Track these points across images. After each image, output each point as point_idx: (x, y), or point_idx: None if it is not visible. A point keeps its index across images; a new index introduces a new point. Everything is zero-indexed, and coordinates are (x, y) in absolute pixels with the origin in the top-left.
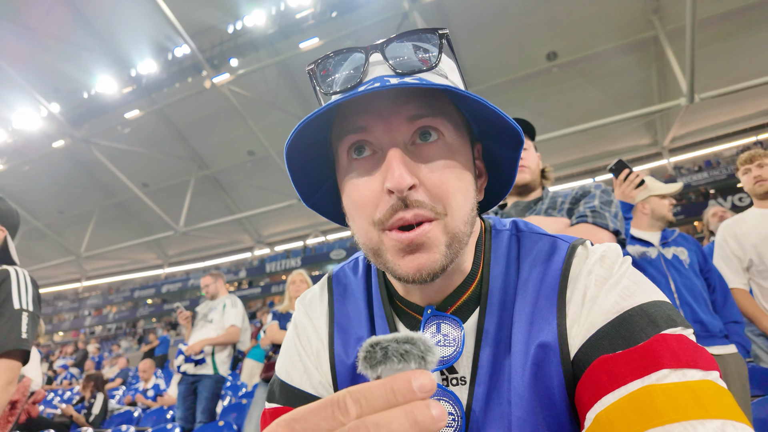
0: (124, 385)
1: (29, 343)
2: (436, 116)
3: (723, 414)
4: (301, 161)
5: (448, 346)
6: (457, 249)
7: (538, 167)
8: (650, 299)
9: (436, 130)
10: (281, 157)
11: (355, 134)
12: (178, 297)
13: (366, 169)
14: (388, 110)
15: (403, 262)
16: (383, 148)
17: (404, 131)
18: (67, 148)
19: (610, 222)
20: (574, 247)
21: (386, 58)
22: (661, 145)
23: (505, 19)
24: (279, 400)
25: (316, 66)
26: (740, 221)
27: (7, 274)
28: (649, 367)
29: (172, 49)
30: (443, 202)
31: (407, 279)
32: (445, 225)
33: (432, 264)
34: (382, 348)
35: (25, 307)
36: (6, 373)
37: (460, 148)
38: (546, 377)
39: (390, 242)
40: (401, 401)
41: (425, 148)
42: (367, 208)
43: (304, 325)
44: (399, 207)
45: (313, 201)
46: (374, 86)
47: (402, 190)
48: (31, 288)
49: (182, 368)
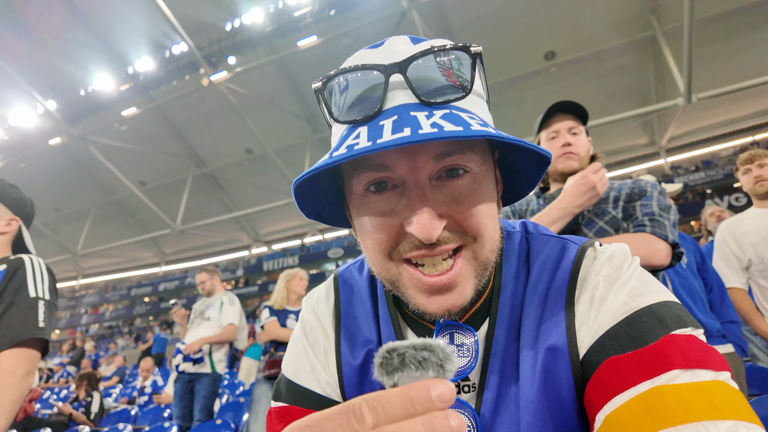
0: (121, 384)
1: (47, 332)
2: (464, 152)
3: (735, 415)
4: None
5: (463, 356)
6: (483, 275)
7: (588, 154)
8: (659, 299)
9: (463, 166)
10: (279, 155)
11: (376, 171)
12: (175, 295)
13: (385, 205)
14: (413, 148)
15: (429, 302)
16: (405, 184)
17: (430, 169)
18: (63, 146)
19: (669, 233)
20: (584, 248)
21: (408, 81)
22: (658, 145)
23: (503, 18)
24: (286, 399)
25: (323, 85)
26: (739, 221)
27: (21, 262)
28: (659, 368)
29: (169, 46)
30: (473, 233)
31: (434, 316)
32: (474, 251)
33: (462, 303)
34: (399, 354)
35: (41, 295)
36: (24, 362)
37: (486, 175)
38: (555, 380)
39: (412, 280)
40: (419, 411)
41: (451, 183)
42: (383, 243)
43: (311, 324)
44: (422, 246)
45: (316, 213)
46: (403, 135)
47: (431, 240)
48: (47, 277)
49: (181, 367)
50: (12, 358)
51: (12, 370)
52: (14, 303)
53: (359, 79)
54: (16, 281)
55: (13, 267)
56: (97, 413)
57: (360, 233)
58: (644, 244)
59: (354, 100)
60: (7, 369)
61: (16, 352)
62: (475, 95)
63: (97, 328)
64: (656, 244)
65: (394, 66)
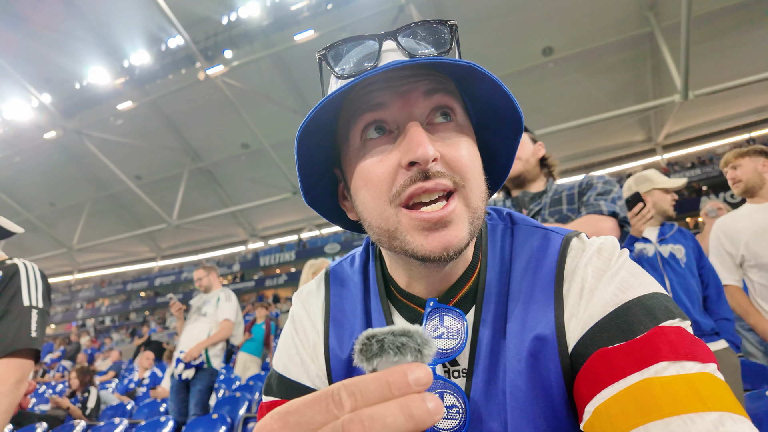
0: (117, 378)
1: (39, 342)
2: (449, 93)
3: (721, 406)
4: (308, 148)
5: (451, 338)
6: (477, 226)
7: (533, 157)
8: (648, 291)
9: (450, 109)
10: (275, 150)
11: (371, 112)
12: (172, 290)
13: (382, 149)
14: (405, 86)
15: (428, 240)
16: (400, 126)
17: (421, 107)
18: (58, 140)
19: (604, 207)
20: (568, 239)
21: (400, 44)
22: (655, 142)
23: (501, 13)
24: (277, 394)
25: (327, 51)
26: (733, 218)
27: (16, 269)
28: (648, 360)
29: (165, 39)
30: (462, 174)
31: (432, 258)
32: (465, 197)
33: (459, 241)
34: (378, 340)
35: (34, 304)
36: (15, 371)
37: (469, 130)
38: (543, 369)
39: (411, 222)
40: (396, 394)
41: (441, 127)
42: (383, 185)
43: (301, 318)
44: (418, 178)
45: (312, 195)
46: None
47: (427, 161)
48: (41, 283)
49: (184, 375)
50: (3, 368)
51: (3, 380)
52: (8, 312)
53: (357, 46)
54: (10, 289)
55: (8, 274)
56: (93, 408)
57: (356, 189)
58: (590, 225)
59: (353, 63)
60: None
61: (8, 362)
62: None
63: (92, 323)
64: (600, 222)
65: (387, 34)
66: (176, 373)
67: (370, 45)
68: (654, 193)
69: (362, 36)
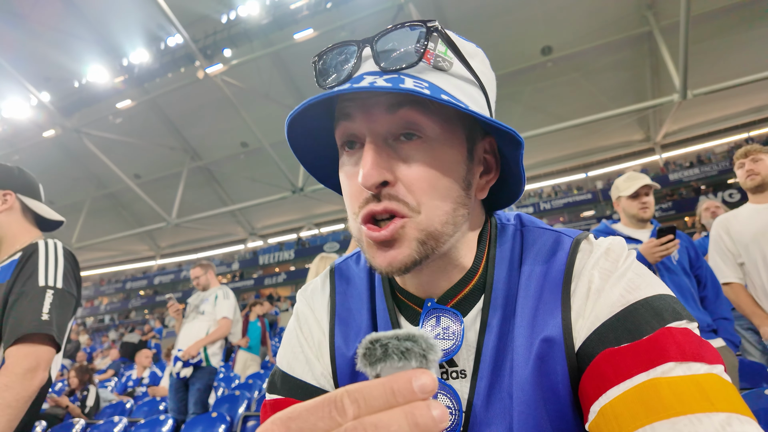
0: (116, 377)
1: (51, 325)
2: (415, 107)
3: (728, 407)
4: (311, 146)
5: (448, 339)
6: (434, 246)
7: None
8: (656, 292)
9: (416, 126)
10: (275, 148)
11: (345, 121)
12: (171, 288)
13: (353, 163)
14: (371, 99)
15: (375, 257)
16: (362, 141)
17: (384, 122)
18: (57, 138)
19: None
20: (578, 241)
21: (374, 52)
22: (653, 141)
23: (500, 12)
24: (280, 392)
25: (318, 58)
26: (734, 217)
27: (35, 248)
28: (654, 360)
29: (164, 38)
30: (417, 200)
31: (381, 271)
32: (418, 224)
33: (402, 259)
34: (382, 345)
35: (51, 283)
36: (24, 360)
37: (446, 144)
38: (550, 371)
39: (365, 238)
40: (401, 402)
41: (405, 146)
42: (352, 200)
43: (305, 315)
44: (371, 200)
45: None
46: (345, 87)
47: (370, 187)
48: (61, 261)
49: (182, 374)
50: (11, 356)
51: (10, 369)
52: (23, 294)
53: (341, 53)
54: (28, 269)
55: (26, 254)
56: (92, 407)
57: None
58: None
59: (335, 72)
60: (5, 368)
61: (18, 350)
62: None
63: (92, 322)
64: None
65: (366, 40)
66: (175, 371)
67: (351, 51)
68: (621, 200)
69: (345, 42)
